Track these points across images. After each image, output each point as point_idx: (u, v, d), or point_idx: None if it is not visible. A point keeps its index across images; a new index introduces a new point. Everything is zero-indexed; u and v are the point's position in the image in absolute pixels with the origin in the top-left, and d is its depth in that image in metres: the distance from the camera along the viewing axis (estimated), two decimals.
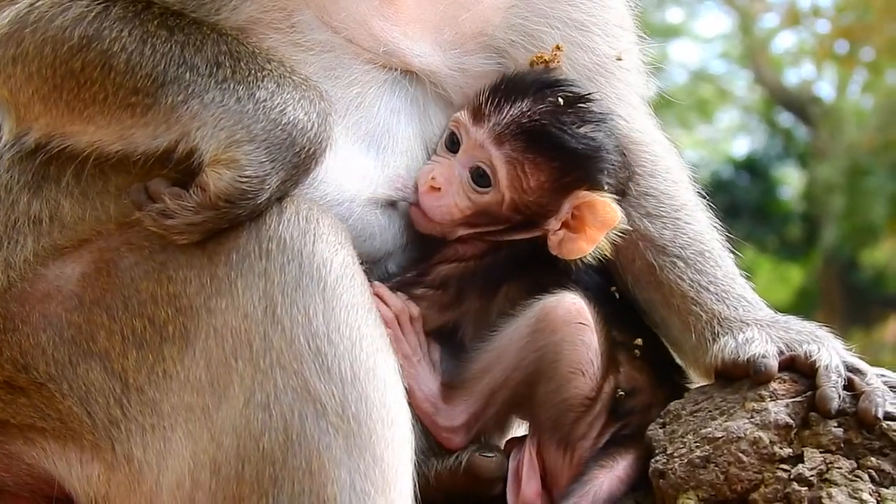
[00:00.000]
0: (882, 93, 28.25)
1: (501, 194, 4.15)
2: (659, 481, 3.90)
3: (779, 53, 31.66)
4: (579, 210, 4.14)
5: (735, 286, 4.35)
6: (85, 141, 3.87)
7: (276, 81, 3.83)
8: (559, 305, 4.09)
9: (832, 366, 3.93)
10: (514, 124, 4.12)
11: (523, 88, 4.17)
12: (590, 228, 4.14)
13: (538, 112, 4.13)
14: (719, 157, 31.30)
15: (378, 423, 3.62)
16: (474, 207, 4.18)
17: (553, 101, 4.16)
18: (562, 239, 4.17)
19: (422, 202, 4.18)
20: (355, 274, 3.75)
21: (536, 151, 4.12)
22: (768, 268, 29.00)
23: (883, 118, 27.07)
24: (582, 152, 4.14)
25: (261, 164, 3.72)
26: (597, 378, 4.11)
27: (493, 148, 4.13)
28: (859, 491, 3.74)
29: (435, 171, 4.18)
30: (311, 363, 3.60)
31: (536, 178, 4.13)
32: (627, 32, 4.54)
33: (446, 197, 4.17)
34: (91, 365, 3.81)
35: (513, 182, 4.14)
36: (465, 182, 4.18)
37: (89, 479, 3.86)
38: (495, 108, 4.15)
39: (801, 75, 31.90)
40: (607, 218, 4.12)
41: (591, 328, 4.10)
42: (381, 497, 3.60)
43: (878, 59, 28.10)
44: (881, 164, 26.40)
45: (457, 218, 4.19)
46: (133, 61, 3.77)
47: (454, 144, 4.21)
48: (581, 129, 4.15)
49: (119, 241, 3.88)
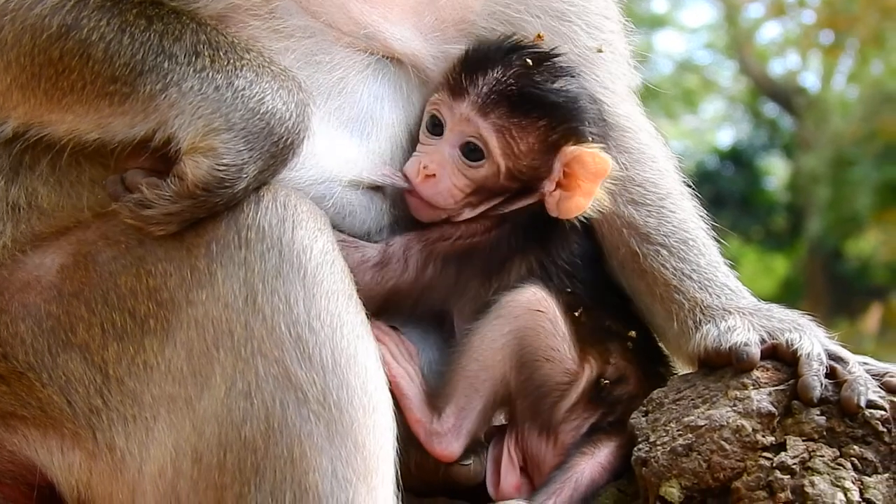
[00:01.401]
0: (867, 83, 28.35)
1: (497, 164, 4.15)
2: (641, 469, 3.90)
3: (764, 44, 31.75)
4: (570, 167, 4.15)
5: (718, 274, 4.36)
6: (63, 129, 3.86)
7: (255, 71, 3.82)
8: (519, 296, 4.11)
9: (814, 354, 3.94)
10: (494, 92, 4.13)
11: (490, 57, 4.18)
12: (583, 182, 4.15)
13: (512, 76, 4.15)
14: (704, 147, 31.40)
15: (359, 410, 3.62)
16: (473, 184, 4.18)
17: (521, 64, 4.17)
18: (558, 199, 4.18)
19: (420, 192, 4.16)
20: (335, 260, 3.74)
21: (521, 114, 4.13)
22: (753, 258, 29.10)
23: (868, 108, 27.17)
24: (562, 105, 4.16)
25: (238, 153, 3.71)
26: (567, 364, 4.12)
27: (480, 119, 4.13)
28: (842, 479, 3.74)
29: (425, 159, 4.18)
30: (292, 351, 3.60)
31: (525, 141, 4.14)
32: (611, 21, 4.53)
33: (443, 181, 4.17)
34: (71, 356, 3.80)
35: (504, 149, 4.14)
36: (457, 161, 4.17)
37: (70, 467, 3.85)
38: (471, 81, 4.15)
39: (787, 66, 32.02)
40: (598, 168, 4.14)
41: (550, 315, 4.11)
42: (362, 484, 3.60)
43: (863, 50, 28.18)
44: (866, 154, 26.49)
45: (459, 199, 4.18)
46: (111, 50, 3.76)
47: (437, 127, 4.20)
48: (555, 85, 4.18)
49: (96, 234, 3.87)
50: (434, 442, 4.11)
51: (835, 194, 26.82)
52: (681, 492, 3.83)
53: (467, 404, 4.13)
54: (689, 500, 3.84)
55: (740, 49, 30.11)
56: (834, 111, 28.44)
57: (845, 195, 26.69)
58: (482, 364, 4.11)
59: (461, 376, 4.13)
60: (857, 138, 26.77)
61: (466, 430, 4.13)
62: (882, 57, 28.28)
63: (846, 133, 27.15)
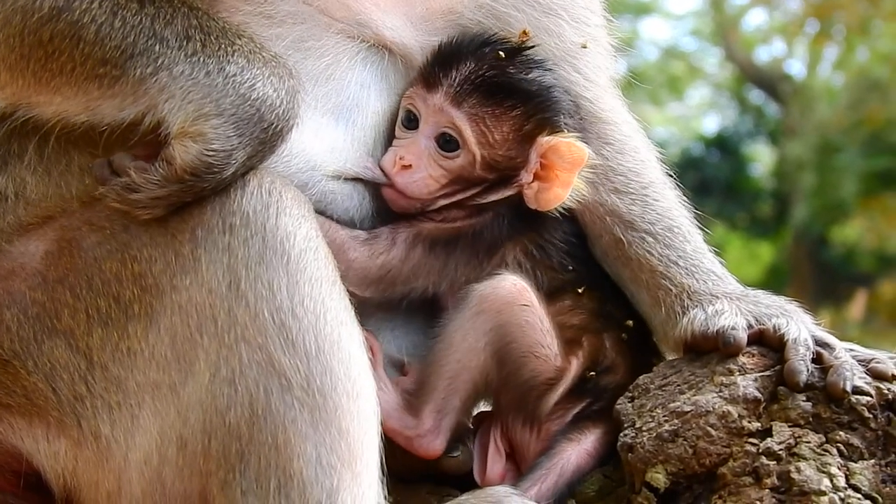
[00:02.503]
0: (853, 70, 28.39)
1: (472, 153, 4.16)
2: (627, 455, 3.91)
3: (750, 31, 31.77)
4: (546, 157, 4.16)
5: (704, 261, 4.37)
6: (51, 111, 3.85)
7: (247, 57, 3.81)
8: (499, 287, 4.10)
9: (801, 339, 3.94)
10: (467, 82, 4.15)
11: (463, 50, 4.19)
12: (560, 172, 4.17)
13: (485, 67, 4.17)
14: (690, 134, 31.44)
15: (343, 397, 3.62)
16: (449, 174, 4.19)
17: (494, 56, 4.19)
18: (536, 190, 4.19)
19: (396, 183, 4.16)
20: (319, 247, 3.74)
21: (494, 103, 4.15)
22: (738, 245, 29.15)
23: (853, 96, 27.22)
24: (536, 94, 4.18)
25: (228, 139, 3.71)
26: (555, 358, 4.12)
27: (454, 109, 4.14)
28: (828, 465, 3.74)
29: (401, 151, 4.19)
30: (276, 337, 3.60)
31: (500, 130, 4.16)
32: (595, 15, 4.54)
33: (419, 171, 4.17)
34: (56, 342, 3.79)
35: (479, 138, 4.15)
36: (433, 152, 4.18)
37: (56, 456, 3.83)
38: (444, 73, 4.16)
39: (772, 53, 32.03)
40: (574, 157, 4.15)
41: (533, 308, 4.10)
42: (347, 470, 3.60)
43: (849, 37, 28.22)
44: (851, 141, 26.55)
45: (434, 189, 4.19)
46: (102, 33, 3.75)
47: (412, 122, 4.21)
48: (529, 76, 4.20)
49: (81, 220, 3.86)
50: (415, 444, 4.11)
51: (820, 181, 26.87)
52: (667, 477, 3.84)
53: (446, 404, 4.13)
54: (675, 485, 3.84)
55: (726, 36, 30.15)
56: (820, 98, 28.48)
57: (831, 182, 26.74)
58: (463, 364, 4.11)
59: (439, 375, 4.12)
60: (843, 125, 26.83)
61: (447, 426, 4.13)
62: (868, 44, 28.33)
63: (832, 120, 27.20)
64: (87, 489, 3.83)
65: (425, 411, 4.11)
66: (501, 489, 3.97)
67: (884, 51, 27.71)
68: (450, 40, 4.24)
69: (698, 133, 31.67)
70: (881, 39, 28.09)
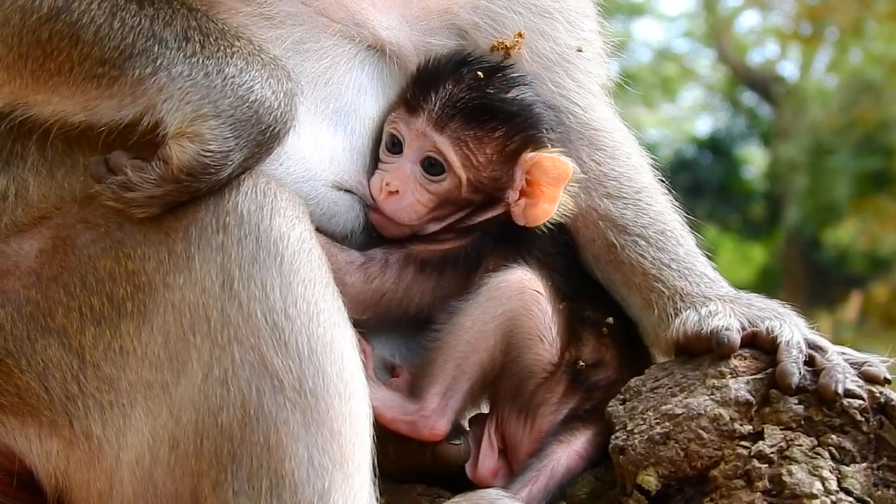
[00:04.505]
0: (846, 72, 28.41)
1: (458, 177, 4.18)
2: (619, 457, 3.91)
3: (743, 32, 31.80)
4: (531, 174, 4.18)
5: (697, 264, 4.37)
6: (48, 111, 3.86)
7: (245, 59, 3.82)
8: (512, 277, 4.14)
9: (793, 342, 3.95)
10: (447, 106, 4.16)
11: (441, 72, 4.21)
12: (546, 187, 4.18)
13: (464, 89, 4.18)
14: (682, 135, 31.45)
15: (335, 398, 3.63)
16: (436, 198, 4.20)
17: (472, 77, 4.20)
18: (524, 207, 4.21)
19: (384, 209, 4.18)
20: (312, 248, 3.74)
21: (476, 126, 4.16)
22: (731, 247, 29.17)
23: (846, 97, 27.24)
24: (517, 113, 4.19)
25: (225, 140, 3.71)
26: (557, 345, 4.15)
27: (436, 134, 4.16)
28: (819, 468, 3.74)
29: (387, 177, 4.20)
30: (269, 338, 3.61)
31: (483, 152, 4.17)
32: (589, 20, 4.56)
33: (406, 197, 4.19)
34: (49, 341, 3.79)
35: (464, 161, 4.17)
36: (419, 176, 4.20)
37: (48, 455, 3.84)
38: (424, 97, 4.18)
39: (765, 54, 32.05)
40: (559, 172, 4.17)
41: (545, 296, 4.14)
42: (338, 471, 3.61)
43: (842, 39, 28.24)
44: (844, 143, 26.56)
45: (423, 214, 4.21)
46: (101, 33, 3.76)
47: (396, 146, 4.23)
48: (509, 95, 4.21)
49: (76, 218, 3.87)
50: (420, 426, 4.11)
51: (813, 183, 26.89)
52: (658, 480, 3.84)
53: (454, 385, 4.14)
54: (667, 488, 3.85)
55: (719, 38, 30.16)
56: (812, 100, 28.50)
57: (823, 184, 26.75)
58: (473, 346, 4.13)
59: (448, 357, 4.14)
60: (836, 127, 26.83)
61: (452, 408, 4.14)
62: (861, 46, 28.36)
63: (825, 122, 27.21)
64: (79, 489, 3.83)
65: (430, 392, 4.12)
66: (493, 491, 3.98)
67: (877, 53, 27.73)
68: (426, 62, 4.25)
69: (691, 135, 31.69)
70: (874, 41, 28.12)
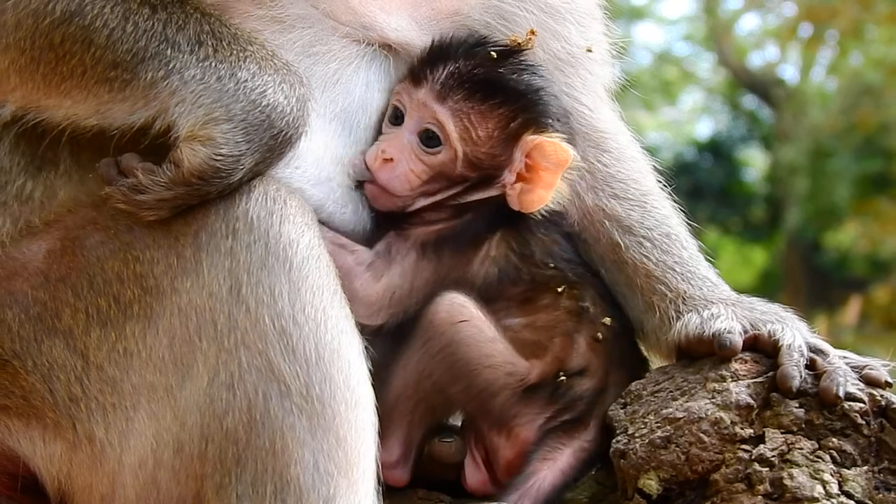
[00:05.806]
0: (846, 75, 28.41)
1: (454, 150, 4.15)
2: (620, 461, 3.91)
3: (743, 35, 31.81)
4: (531, 157, 4.15)
5: (700, 267, 4.38)
6: (60, 114, 3.86)
7: (259, 63, 3.82)
8: (439, 309, 4.09)
9: (795, 345, 3.95)
10: (453, 78, 4.14)
11: (454, 49, 4.19)
12: (544, 172, 4.15)
13: (473, 65, 4.16)
14: (683, 139, 31.48)
15: (342, 405, 3.63)
16: (430, 170, 4.18)
17: (485, 55, 4.19)
18: (520, 191, 4.17)
19: (377, 177, 4.15)
20: (321, 255, 3.75)
21: (480, 99, 4.14)
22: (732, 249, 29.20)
23: (847, 100, 27.24)
24: (524, 92, 4.17)
25: (237, 144, 3.72)
26: (509, 365, 4.09)
27: (437, 104, 4.14)
28: (820, 472, 3.75)
29: (383, 145, 4.17)
30: (276, 343, 3.61)
31: (484, 128, 4.15)
32: (597, 22, 4.56)
33: (400, 166, 4.16)
34: (55, 342, 3.79)
35: (462, 134, 4.15)
36: (415, 147, 4.17)
37: (52, 458, 3.84)
38: (431, 69, 4.16)
39: (765, 57, 32.05)
40: (559, 157, 4.14)
41: (474, 322, 4.09)
42: (343, 478, 3.61)
43: (843, 42, 28.24)
44: (845, 146, 26.57)
45: (415, 185, 4.18)
46: (114, 37, 3.76)
47: (398, 118, 4.21)
48: (520, 77, 4.19)
49: (85, 219, 3.87)
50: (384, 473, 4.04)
51: (813, 186, 26.90)
52: (659, 484, 3.84)
53: (409, 432, 4.13)
54: (668, 492, 3.85)
55: (719, 41, 30.18)
56: (813, 103, 28.51)
57: (824, 187, 26.77)
58: (419, 395, 4.11)
59: (395, 408, 4.10)
60: (836, 130, 26.84)
61: (414, 455, 4.15)
62: (861, 49, 28.36)
63: (825, 125, 27.22)
64: (81, 493, 3.83)
65: (391, 440, 4.08)
66: None
67: (877, 55, 27.74)
68: (442, 38, 4.23)
69: (691, 138, 31.71)
70: (874, 44, 28.12)
